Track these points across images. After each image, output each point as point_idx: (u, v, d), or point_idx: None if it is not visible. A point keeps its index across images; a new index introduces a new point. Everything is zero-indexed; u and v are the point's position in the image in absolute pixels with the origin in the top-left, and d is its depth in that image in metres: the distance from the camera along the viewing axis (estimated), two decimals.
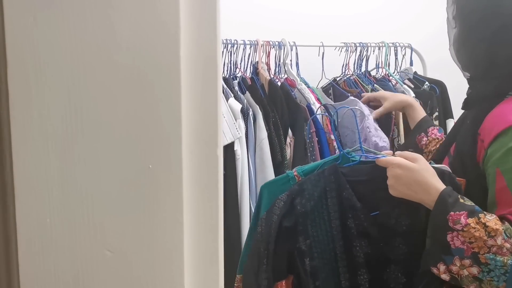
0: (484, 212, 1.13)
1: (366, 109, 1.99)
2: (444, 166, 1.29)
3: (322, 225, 1.30)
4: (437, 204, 1.17)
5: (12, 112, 0.50)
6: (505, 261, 1.07)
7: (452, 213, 1.13)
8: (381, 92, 2.08)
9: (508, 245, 1.08)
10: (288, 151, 1.96)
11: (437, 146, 1.66)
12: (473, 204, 1.15)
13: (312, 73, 2.24)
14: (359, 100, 2.04)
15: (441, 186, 1.19)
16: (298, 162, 1.92)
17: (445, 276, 1.16)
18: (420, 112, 1.86)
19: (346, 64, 2.28)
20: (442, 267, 1.16)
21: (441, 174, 1.24)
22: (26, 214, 0.51)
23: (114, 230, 0.53)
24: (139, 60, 0.52)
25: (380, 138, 1.91)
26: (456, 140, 1.36)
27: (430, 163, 1.29)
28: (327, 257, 1.29)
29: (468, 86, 1.35)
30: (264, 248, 1.30)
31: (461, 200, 1.15)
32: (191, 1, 0.53)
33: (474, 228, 1.10)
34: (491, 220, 1.10)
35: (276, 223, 1.29)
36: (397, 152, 1.30)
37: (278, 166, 1.92)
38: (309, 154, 1.94)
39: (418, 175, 1.20)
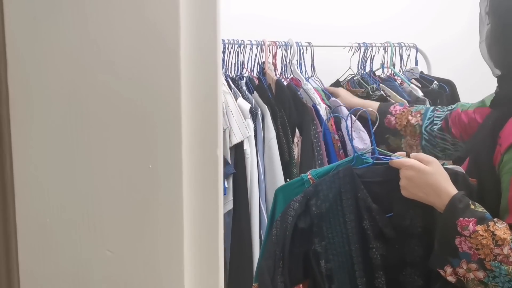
0: (495, 219, 1.12)
1: (344, 109, 1.98)
2: (458, 167, 1.28)
3: (337, 226, 1.29)
4: (447, 208, 1.16)
5: (12, 112, 0.50)
6: (510, 270, 1.07)
7: (461, 218, 1.12)
8: (338, 89, 2.09)
9: None
10: (296, 151, 1.96)
11: (408, 118, 1.66)
12: (484, 211, 1.13)
13: (323, 73, 2.23)
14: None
15: (453, 190, 1.18)
16: (306, 161, 1.92)
17: (451, 278, 1.15)
18: (374, 105, 1.87)
19: (351, 64, 2.26)
20: (448, 270, 1.15)
21: (454, 175, 1.23)
22: (26, 214, 0.51)
23: (114, 230, 0.53)
24: (139, 59, 0.52)
25: (361, 139, 1.89)
26: (475, 140, 1.34)
27: (443, 164, 1.28)
28: (343, 259, 1.28)
29: (497, 84, 1.30)
30: (280, 251, 1.29)
31: (472, 207, 1.14)
32: (191, 1, 0.53)
33: (482, 235, 1.09)
34: (501, 228, 1.10)
35: (291, 224, 1.28)
36: (412, 154, 1.29)
37: (286, 165, 1.92)
38: (316, 153, 1.94)
39: (430, 178, 1.20)
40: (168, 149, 0.53)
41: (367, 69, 2.27)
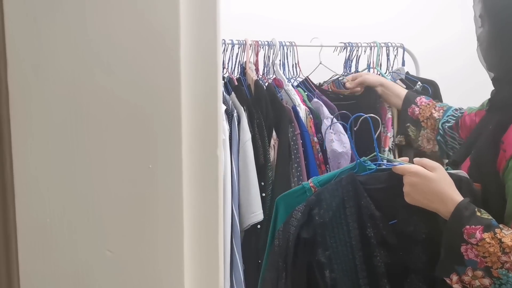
0: (501, 226, 1.11)
1: (325, 110, 1.97)
2: (462, 172, 1.26)
3: (341, 235, 1.26)
4: (453, 216, 1.14)
5: (12, 112, 0.50)
6: None
7: (467, 226, 1.11)
8: (356, 74, 2.11)
9: None
10: (272, 153, 1.92)
11: (431, 111, 1.70)
12: (490, 217, 1.12)
13: (308, 73, 2.23)
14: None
15: (458, 197, 1.16)
16: (282, 163, 1.89)
17: (457, 286, 1.14)
18: (397, 87, 1.93)
19: (337, 65, 2.26)
20: (454, 278, 1.14)
21: (458, 180, 1.21)
22: (26, 214, 0.51)
23: (114, 230, 0.53)
24: (139, 59, 0.52)
25: (341, 143, 1.88)
26: (476, 144, 1.32)
27: (447, 169, 1.26)
28: (347, 268, 1.25)
29: (493, 87, 1.30)
30: (283, 261, 1.27)
31: (478, 214, 1.12)
32: (191, 1, 0.53)
33: (489, 243, 1.08)
34: (507, 235, 1.08)
35: (294, 234, 1.26)
36: (416, 159, 1.26)
37: (261, 168, 1.88)
38: (293, 156, 1.91)
39: (435, 184, 1.18)
40: (168, 149, 0.53)
41: (353, 69, 2.28)
